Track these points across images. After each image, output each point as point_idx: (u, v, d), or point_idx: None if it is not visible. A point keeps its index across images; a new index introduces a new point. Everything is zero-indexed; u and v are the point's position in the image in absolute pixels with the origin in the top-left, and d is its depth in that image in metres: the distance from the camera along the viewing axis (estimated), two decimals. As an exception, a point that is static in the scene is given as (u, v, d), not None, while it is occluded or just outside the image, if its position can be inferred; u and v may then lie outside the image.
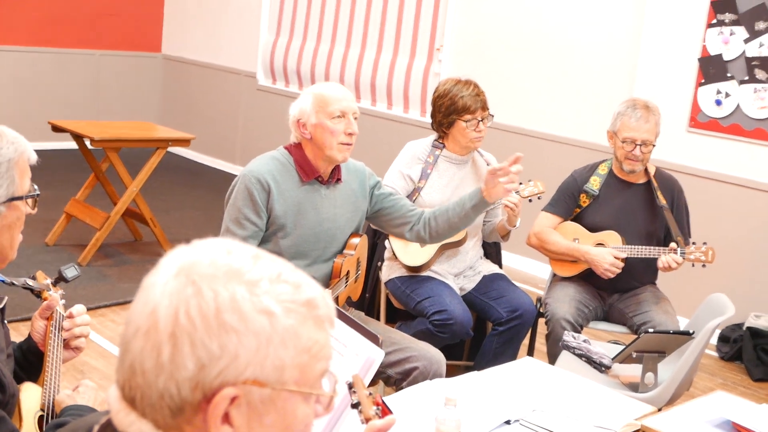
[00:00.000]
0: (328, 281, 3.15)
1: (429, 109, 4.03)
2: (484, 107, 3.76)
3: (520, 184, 3.86)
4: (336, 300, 3.07)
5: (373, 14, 7.28)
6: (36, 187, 1.80)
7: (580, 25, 5.96)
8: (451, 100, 3.75)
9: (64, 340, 2.05)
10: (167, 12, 9.20)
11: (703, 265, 3.66)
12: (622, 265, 3.72)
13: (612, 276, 3.72)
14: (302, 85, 7.89)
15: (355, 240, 3.26)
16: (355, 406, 1.61)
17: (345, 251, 3.22)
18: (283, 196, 3.09)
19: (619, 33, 5.78)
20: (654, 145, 3.77)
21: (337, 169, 3.19)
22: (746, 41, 5.18)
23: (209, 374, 1.01)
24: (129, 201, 5.69)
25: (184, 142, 5.95)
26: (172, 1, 9.14)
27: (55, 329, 2.03)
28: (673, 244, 3.66)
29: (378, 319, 3.80)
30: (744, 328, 5.06)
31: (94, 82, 8.82)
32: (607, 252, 3.75)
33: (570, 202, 3.93)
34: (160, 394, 1.02)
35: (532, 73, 6.22)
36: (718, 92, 5.31)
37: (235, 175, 3.17)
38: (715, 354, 5.12)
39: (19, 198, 1.73)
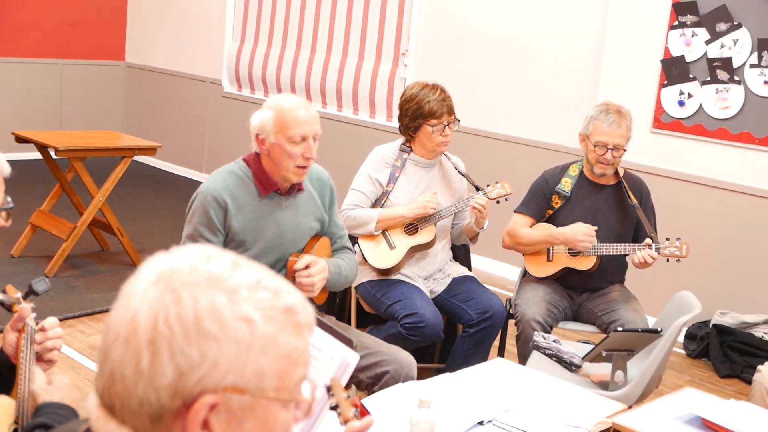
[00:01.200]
0: None
1: (396, 113, 4.03)
2: (451, 112, 3.76)
3: (488, 186, 3.88)
4: None
5: (337, 19, 7.28)
6: (10, 199, 1.78)
7: (544, 29, 6.00)
8: (418, 105, 3.75)
9: (37, 353, 2.04)
10: (130, 20, 9.15)
11: (678, 260, 3.69)
12: (595, 229, 3.76)
13: (590, 245, 3.75)
14: (268, 91, 7.87)
15: (313, 242, 3.23)
16: (333, 408, 1.61)
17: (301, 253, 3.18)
18: (241, 212, 3.04)
19: (583, 35, 5.82)
20: (625, 150, 3.81)
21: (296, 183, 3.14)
22: (707, 42, 5.23)
23: (189, 381, 1.01)
24: (95, 211, 5.65)
25: (150, 151, 5.91)
26: (134, 9, 9.09)
27: (27, 342, 2.01)
28: (648, 240, 3.69)
29: (349, 323, 3.79)
30: (710, 326, 5.10)
31: (58, 91, 8.75)
32: (577, 225, 3.80)
33: (542, 203, 3.95)
34: (139, 401, 1.02)
35: (497, 77, 6.25)
36: (681, 93, 5.36)
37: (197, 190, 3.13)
38: (682, 351, 5.16)
39: None
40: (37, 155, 5.85)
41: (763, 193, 5.09)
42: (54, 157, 5.75)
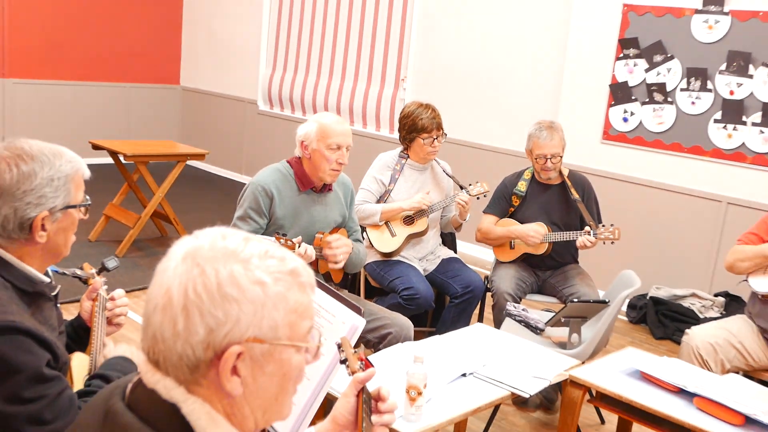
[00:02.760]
0: None
1: (396, 127, 4.03)
2: (439, 127, 3.77)
3: (470, 185, 3.88)
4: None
5: (350, 52, 7.29)
6: (88, 198, 1.79)
7: (515, 59, 5.99)
8: (413, 121, 3.76)
9: (108, 318, 2.05)
10: (184, 52, 9.15)
11: (612, 242, 3.69)
12: (543, 229, 3.78)
13: (538, 239, 3.76)
14: (294, 109, 7.88)
15: (335, 231, 3.28)
16: (343, 362, 1.62)
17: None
18: (283, 203, 3.11)
19: (546, 64, 5.81)
20: (561, 156, 3.81)
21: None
22: (646, 71, 5.22)
23: (217, 337, 1.03)
24: (156, 204, 5.67)
25: (199, 157, 5.91)
26: (187, 43, 9.08)
27: (100, 309, 2.02)
28: (587, 228, 3.70)
29: (359, 295, 3.80)
30: (648, 298, 5.12)
31: (126, 109, 8.77)
32: (529, 224, 3.81)
33: (504, 204, 3.96)
34: (179, 356, 1.03)
35: (477, 98, 6.24)
36: (625, 111, 5.35)
37: (242, 183, 3.18)
38: (625, 318, 5.18)
39: (74, 206, 1.72)
40: (109, 160, 5.87)
41: (690, 192, 5.09)
42: (123, 161, 5.77)
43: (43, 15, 7.93)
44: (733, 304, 4.87)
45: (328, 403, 2.56)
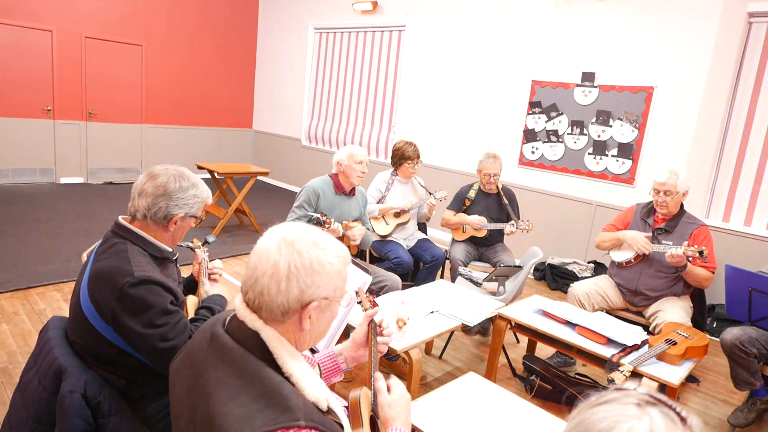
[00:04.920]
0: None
1: (389, 155, 4.02)
2: (418, 157, 3.77)
3: (436, 192, 3.88)
4: None
5: (360, 107, 7.26)
6: (203, 216, 1.81)
7: (465, 111, 5.98)
8: (402, 153, 3.75)
9: (209, 275, 2.05)
10: (255, 105, 9.09)
11: (528, 231, 3.71)
12: (479, 220, 3.76)
13: (477, 226, 3.75)
14: (324, 144, 7.85)
15: (355, 221, 3.28)
16: (359, 303, 1.63)
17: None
18: (325, 200, 3.13)
19: (485, 115, 5.81)
20: (498, 175, 3.81)
21: (353, 188, 3.23)
22: (546, 122, 5.23)
23: (305, 295, 1.05)
24: (237, 204, 5.62)
25: (264, 173, 5.89)
26: (257, 100, 9.03)
27: (204, 269, 2.03)
28: (512, 221, 3.71)
29: (366, 261, 3.80)
30: (546, 264, 5.13)
31: (218, 143, 8.71)
32: (473, 216, 3.80)
33: (460, 204, 3.95)
34: (278, 305, 1.06)
35: (440, 136, 6.24)
36: (533, 147, 5.36)
37: (292, 191, 3.19)
38: (532, 277, 5.18)
39: (195, 217, 1.73)
40: (207, 175, 5.83)
41: (573, 198, 5.10)
42: (217, 176, 5.72)
43: (168, 82, 7.89)
44: (599, 268, 4.88)
45: (347, 329, 2.57)
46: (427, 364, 3.22)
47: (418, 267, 3.83)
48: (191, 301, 1.92)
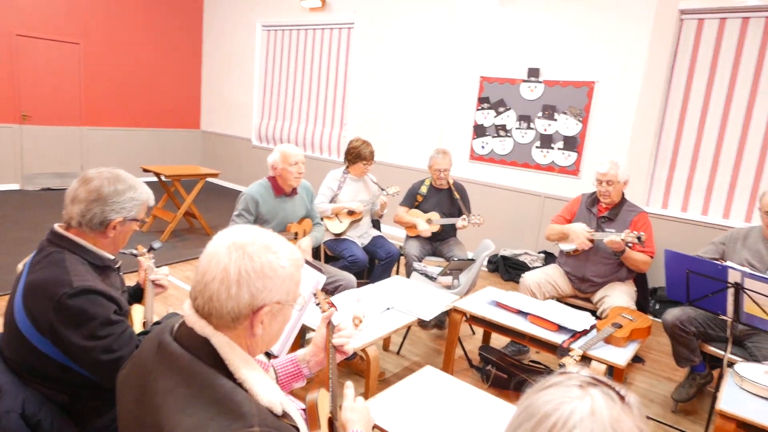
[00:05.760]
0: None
1: (341, 153, 3.99)
2: (372, 158, 3.76)
3: (388, 188, 3.89)
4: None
5: (311, 105, 7.19)
6: (146, 218, 1.73)
7: (415, 107, 6.02)
8: (358, 152, 3.73)
9: (154, 281, 1.98)
10: (203, 106, 8.85)
11: (479, 225, 3.76)
12: (425, 231, 3.78)
13: (424, 230, 3.78)
14: (276, 143, 7.72)
15: (302, 220, 3.23)
16: (317, 305, 1.61)
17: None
18: (266, 205, 3.03)
19: (435, 112, 5.86)
20: (449, 170, 3.84)
21: (294, 188, 3.15)
22: (494, 117, 5.33)
23: (257, 299, 1.03)
24: (186, 207, 5.46)
25: (214, 175, 5.74)
26: (205, 100, 8.80)
27: (150, 275, 1.95)
28: (463, 216, 3.76)
29: (321, 260, 3.77)
30: (499, 256, 5.24)
31: (164, 146, 8.43)
32: (423, 222, 3.82)
33: (412, 199, 3.97)
34: (228, 311, 1.02)
35: (391, 133, 6.25)
36: (482, 142, 5.45)
37: (242, 192, 3.10)
38: (485, 269, 5.27)
39: (136, 220, 1.66)
40: (154, 179, 5.63)
41: (523, 191, 5.22)
42: (163, 179, 5.54)
43: (108, 81, 7.56)
44: (549, 258, 5.02)
45: (303, 331, 2.54)
46: (385, 360, 3.23)
47: (373, 264, 3.83)
48: (137, 311, 1.85)
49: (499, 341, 3.52)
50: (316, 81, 7.11)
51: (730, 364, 2.43)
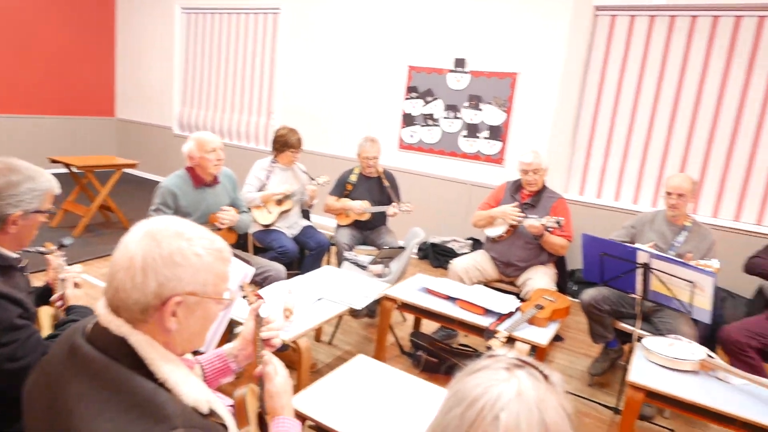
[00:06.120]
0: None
1: (268, 142, 3.90)
2: (300, 144, 3.70)
3: (318, 177, 3.85)
4: None
5: (236, 93, 6.95)
6: (53, 208, 1.60)
7: (344, 97, 5.98)
8: (285, 140, 3.66)
9: (68, 281, 1.84)
10: (117, 92, 8.32)
11: (409, 213, 3.80)
12: (360, 206, 3.77)
13: (359, 211, 3.77)
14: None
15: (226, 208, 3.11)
16: (244, 297, 1.56)
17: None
18: (185, 197, 2.90)
19: (363, 101, 5.85)
20: (378, 158, 3.84)
21: (215, 177, 3.02)
22: (423, 106, 5.40)
23: (165, 289, 0.96)
24: (101, 200, 5.13)
25: (132, 165, 5.43)
26: (119, 86, 8.26)
27: (61, 274, 1.81)
28: (394, 204, 3.78)
29: (249, 252, 3.67)
30: (428, 243, 5.33)
31: (74, 135, 7.85)
32: (355, 202, 3.82)
33: (341, 189, 3.95)
34: (134, 301, 0.96)
35: (319, 122, 6.18)
36: (411, 131, 5.51)
37: (159, 184, 2.94)
38: (415, 256, 5.35)
39: (41, 212, 1.53)
40: (64, 170, 5.24)
41: (450, 179, 5.34)
42: (75, 171, 5.17)
43: (8, 65, 6.91)
44: (476, 244, 5.17)
45: (231, 325, 2.47)
46: (318, 351, 3.21)
47: (304, 254, 3.79)
48: (46, 313, 1.72)
49: (429, 327, 3.60)
50: (241, 68, 6.87)
51: (639, 339, 2.63)
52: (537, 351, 2.46)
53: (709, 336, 2.94)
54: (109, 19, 8.02)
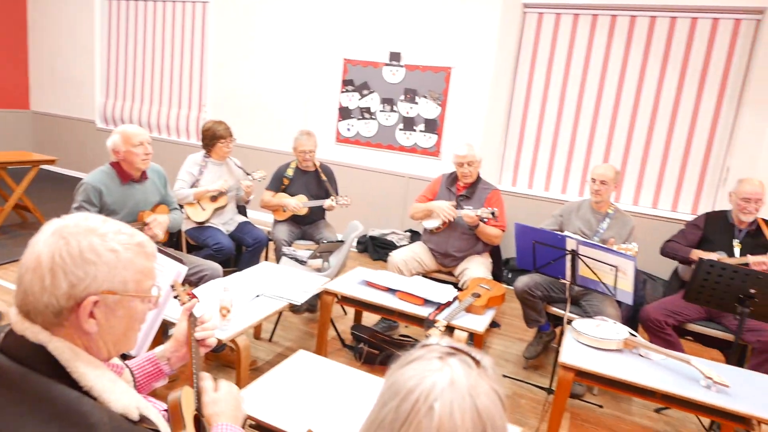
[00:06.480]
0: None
1: (200, 136, 3.76)
2: (231, 135, 3.59)
3: (253, 172, 3.76)
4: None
5: (164, 85, 6.64)
6: None
7: (278, 89, 5.86)
8: (212, 132, 3.54)
9: None
10: (31, 83, 7.73)
11: (347, 206, 3.79)
12: (295, 204, 3.72)
13: (294, 206, 3.72)
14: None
15: (157, 206, 2.97)
16: (176, 297, 1.50)
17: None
18: (111, 194, 2.75)
19: (299, 93, 5.76)
20: (314, 152, 3.80)
21: (144, 172, 2.89)
22: (359, 99, 5.39)
23: (78, 289, 0.90)
24: (16, 199, 4.77)
25: (50, 162, 5.08)
26: (34, 76, 7.68)
27: None
28: (331, 197, 3.76)
29: (182, 251, 3.54)
30: (367, 236, 5.35)
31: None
32: (293, 200, 3.76)
33: (278, 183, 3.88)
34: (45, 305, 0.90)
35: (254, 116, 6.03)
36: (348, 125, 5.49)
37: (81, 181, 2.77)
38: (355, 250, 5.36)
39: None
40: (-28, 166, 4.83)
41: (388, 172, 5.37)
42: (-15, 167, 4.78)
43: None
44: (415, 236, 5.24)
45: (164, 326, 2.38)
46: (257, 349, 3.15)
47: (241, 251, 3.70)
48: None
49: (370, 319, 3.61)
50: (169, 59, 6.58)
51: (569, 322, 2.76)
52: (475, 338, 2.52)
53: (632, 316, 3.14)
54: (19, 3, 7.43)
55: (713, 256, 2.99)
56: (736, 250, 3.02)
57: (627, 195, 4.62)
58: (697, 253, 3.06)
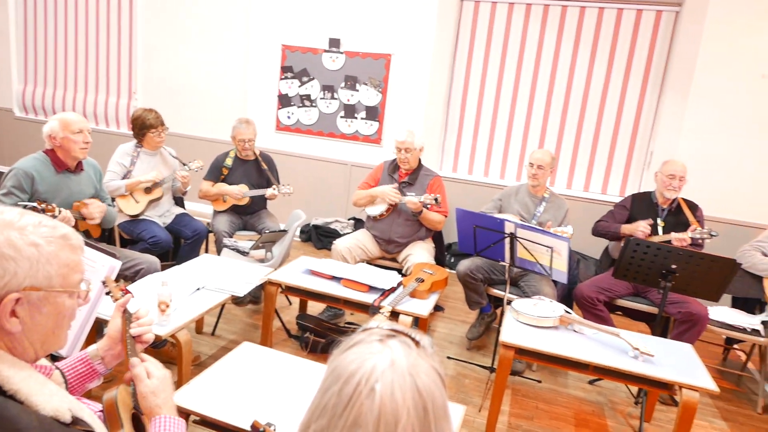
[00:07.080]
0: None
1: (131, 126, 3.59)
2: (162, 123, 3.45)
3: (190, 162, 3.63)
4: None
5: (90, 72, 6.25)
6: None
7: (214, 77, 5.67)
8: (142, 121, 3.39)
9: None
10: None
11: (289, 195, 3.75)
12: (239, 190, 3.65)
13: (237, 195, 3.65)
14: (47, 115, 6.59)
15: (90, 199, 2.84)
16: (108, 293, 1.43)
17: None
18: (44, 182, 2.60)
19: (237, 81, 5.60)
20: (254, 140, 3.73)
21: (79, 163, 2.75)
22: (299, 86, 5.30)
23: None
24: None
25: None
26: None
27: None
28: (273, 186, 3.70)
29: (115, 245, 3.38)
30: (311, 225, 5.30)
31: None
32: (235, 187, 3.69)
33: (217, 173, 3.78)
34: None
35: (189, 103, 5.81)
36: (288, 112, 5.40)
37: (2, 171, 2.60)
38: (298, 239, 5.30)
39: None
40: None
41: (330, 160, 5.34)
42: None
43: None
44: (358, 224, 5.25)
45: (99, 325, 2.27)
46: (200, 344, 3.07)
47: (179, 244, 3.58)
48: None
49: (316, 308, 3.60)
50: (94, 44, 6.20)
51: (509, 302, 2.86)
52: (419, 322, 2.57)
53: (566, 294, 3.30)
54: None
55: (643, 222, 3.18)
56: (660, 229, 3.23)
57: (561, 179, 4.82)
58: (626, 227, 3.25)
